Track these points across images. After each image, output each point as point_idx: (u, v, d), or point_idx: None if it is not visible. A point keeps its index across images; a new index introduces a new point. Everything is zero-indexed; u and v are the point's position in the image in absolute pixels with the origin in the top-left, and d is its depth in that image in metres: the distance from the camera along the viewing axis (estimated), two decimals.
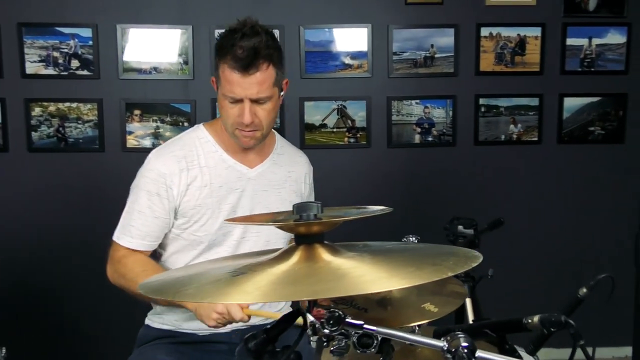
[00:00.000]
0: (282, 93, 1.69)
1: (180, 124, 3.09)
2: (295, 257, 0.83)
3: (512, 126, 3.23)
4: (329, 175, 3.16)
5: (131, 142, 3.07)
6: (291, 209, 1.76)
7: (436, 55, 3.15)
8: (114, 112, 3.06)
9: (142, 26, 3.03)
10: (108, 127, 3.07)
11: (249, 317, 1.50)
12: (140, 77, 3.05)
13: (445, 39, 3.14)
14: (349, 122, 3.16)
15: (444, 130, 3.20)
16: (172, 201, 1.66)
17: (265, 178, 1.76)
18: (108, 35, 3.01)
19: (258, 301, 0.65)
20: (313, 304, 0.87)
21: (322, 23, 3.10)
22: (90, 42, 3.01)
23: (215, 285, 0.78)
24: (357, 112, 3.16)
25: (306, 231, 0.87)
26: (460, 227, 2.07)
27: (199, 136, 1.73)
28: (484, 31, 3.15)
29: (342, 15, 3.11)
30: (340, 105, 3.15)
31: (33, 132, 3.03)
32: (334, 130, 3.16)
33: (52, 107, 3.03)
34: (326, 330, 0.80)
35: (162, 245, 1.73)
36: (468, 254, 0.86)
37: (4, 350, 1.61)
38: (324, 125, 3.15)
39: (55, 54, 3.00)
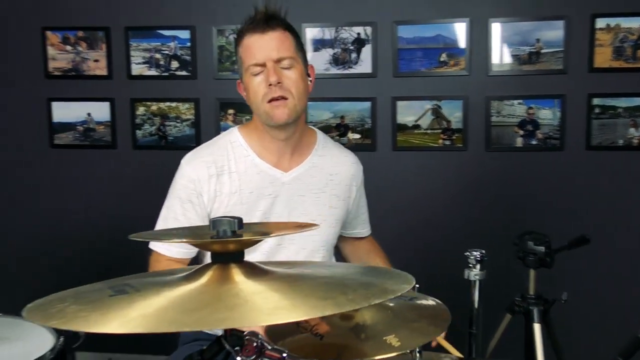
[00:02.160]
0: (310, 79, 1.64)
1: None
2: (205, 278, 0.75)
3: (632, 129, 2.87)
4: (422, 179, 3.03)
5: None
6: (332, 214, 1.69)
7: (542, 51, 2.87)
8: (210, 111, 3.14)
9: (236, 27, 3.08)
10: (204, 125, 3.16)
11: None
12: (234, 76, 3.10)
13: (553, 32, 2.85)
14: (444, 123, 2.99)
15: (551, 133, 2.92)
16: (203, 208, 1.62)
17: (303, 182, 1.67)
18: (205, 37, 3.10)
19: (121, 331, 0.57)
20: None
21: (416, 19, 2.95)
22: (189, 44, 3.11)
23: (88, 305, 0.71)
24: (453, 113, 2.97)
25: (222, 249, 0.79)
26: (530, 244, 1.86)
27: (231, 140, 1.67)
28: (600, 22, 2.82)
29: (438, 10, 2.94)
30: (435, 105, 2.98)
31: (137, 130, 3.20)
32: (428, 131, 3.00)
33: (154, 107, 3.18)
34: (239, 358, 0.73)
35: (202, 252, 1.73)
36: (396, 282, 0.73)
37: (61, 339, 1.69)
38: (417, 126, 3.01)
39: (157, 55, 3.14)
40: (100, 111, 3.22)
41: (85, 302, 0.70)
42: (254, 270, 0.77)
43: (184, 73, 3.14)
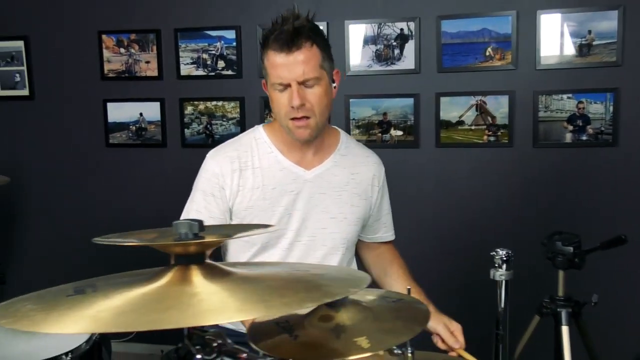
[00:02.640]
0: (334, 85, 1.62)
1: None
2: (166, 279, 0.77)
3: None
4: (466, 177, 2.97)
5: None
6: (353, 213, 1.69)
7: (594, 43, 2.75)
8: (254, 110, 3.19)
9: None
10: (249, 124, 3.21)
11: None
12: None
13: (606, 23, 2.73)
14: (489, 118, 2.91)
15: (603, 129, 2.79)
16: (225, 202, 1.65)
17: (325, 180, 1.67)
18: (249, 36, 3.14)
19: (70, 331, 0.57)
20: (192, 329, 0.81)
21: (461, 12, 2.88)
22: (234, 43, 3.17)
23: (44, 305, 0.72)
24: (499, 108, 2.89)
25: (183, 251, 0.80)
26: (558, 244, 1.78)
27: (256, 137, 1.70)
28: None
29: (484, 2, 2.86)
30: (480, 100, 2.91)
31: (186, 129, 3.30)
32: (472, 127, 2.93)
33: (201, 106, 3.26)
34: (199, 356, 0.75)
35: (224, 246, 1.77)
36: (344, 285, 0.73)
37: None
38: (461, 122, 2.94)
39: (204, 55, 3.22)
40: (151, 111, 3.34)
41: (43, 302, 0.74)
42: (214, 272, 0.78)
43: (229, 72, 3.20)
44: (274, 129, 1.69)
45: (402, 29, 2.95)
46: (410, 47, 2.94)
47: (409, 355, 1.00)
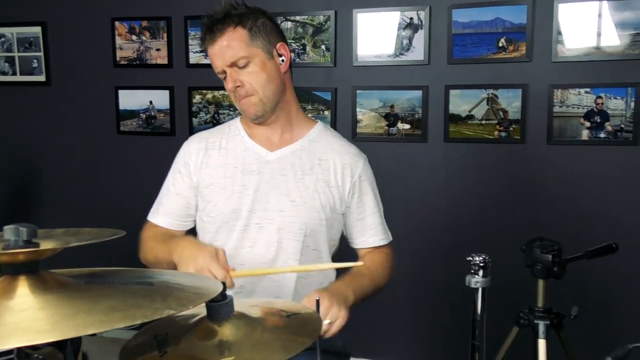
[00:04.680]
0: (282, 58, 1.60)
1: (321, 112, 3.03)
2: None
3: None
4: (475, 173, 2.84)
5: None
6: (316, 198, 1.60)
7: (615, 34, 2.56)
8: None
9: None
10: None
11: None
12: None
13: (627, 13, 2.54)
14: (501, 113, 2.76)
15: (622, 126, 2.61)
16: (190, 178, 1.68)
17: (288, 162, 1.64)
18: None
19: None
20: None
21: (474, 1, 2.74)
22: None
23: None
24: (511, 102, 2.74)
25: (11, 259, 0.72)
26: (537, 251, 1.65)
27: (231, 124, 1.75)
28: None
29: None
30: (491, 94, 2.76)
31: (193, 118, 3.27)
32: (483, 122, 2.79)
33: (209, 95, 3.23)
34: None
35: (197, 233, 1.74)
36: (176, 301, 0.64)
37: None
38: (471, 117, 2.81)
39: None
40: (161, 99, 3.32)
41: None
42: (46, 284, 0.71)
43: None
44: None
45: (411, 18, 2.83)
46: (419, 37, 2.82)
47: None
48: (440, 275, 2.88)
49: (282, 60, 1.61)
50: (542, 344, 1.61)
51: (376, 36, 2.88)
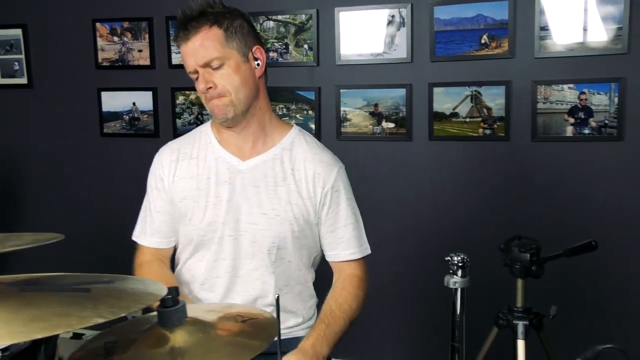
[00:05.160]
0: (257, 62, 1.56)
1: (305, 111, 3.01)
2: None
3: None
4: (460, 171, 2.82)
5: None
6: (289, 210, 1.56)
7: (598, 29, 2.54)
8: None
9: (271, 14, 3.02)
10: None
11: None
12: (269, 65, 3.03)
13: (610, 7, 2.52)
14: (485, 110, 2.74)
15: (606, 122, 2.59)
16: (167, 193, 1.64)
17: (259, 172, 1.59)
18: None
19: None
20: None
21: None
22: None
23: None
24: (495, 99, 2.72)
25: None
26: (515, 250, 1.63)
27: (202, 130, 1.68)
28: None
29: None
30: (475, 91, 2.75)
31: (177, 119, 3.24)
32: (467, 120, 2.77)
33: (192, 96, 3.20)
34: None
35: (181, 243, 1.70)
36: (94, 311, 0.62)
37: None
38: (455, 114, 2.79)
39: None
40: (144, 100, 3.29)
41: None
42: None
43: None
44: (218, 123, 1.64)
45: (393, 16, 2.81)
46: (402, 35, 2.80)
47: None
48: (426, 275, 2.86)
49: (258, 65, 1.56)
50: (521, 344, 1.60)
51: (359, 34, 2.86)
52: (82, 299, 0.70)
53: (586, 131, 2.62)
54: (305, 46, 2.96)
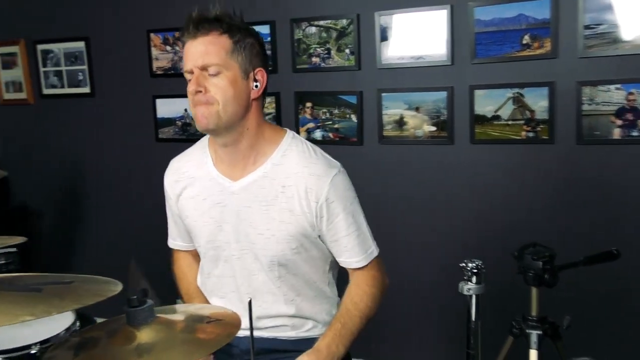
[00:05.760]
0: (256, 84, 1.51)
1: (348, 116, 3.03)
2: None
3: None
4: (502, 175, 2.77)
5: (303, 134, 3.14)
6: (283, 230, 1.57)
7: None
8: (289, 105, 3.16)
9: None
10: (284, 119, 3.19)
11: None
12: (311, 69, 3.07)
13: None
14: (527, 112, 2.67)
15: None
16: (175, 207, 1.72)
17: (251, 193, 1.56)
18: (284, 31, 3.11)
19: None
20: None
21: None
22: (269, 39, 3.15)
23: None
24: (538, 101, 2.65)
25: None
26: (528, 258, 1.59)
27: (202, 145, 1.69)
28: None
29: None
30: (517, 93, 2.68)
31: None
32: (509, 122, 2.71)
33: None
34: None
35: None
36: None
37: None
38: (497, 117, 2.73)
39: None
40: None
41: None
42: None
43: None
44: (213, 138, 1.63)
45: (433, 18, 2.78)
46: (442, 37, 2.77)
47: None
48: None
49: (256, 86, 1.52)
50: (533, 354, 1.56)
51: (399, 38, 2.85)
52: (30, 298, 0.77)
53: (635, 133, 2.51)
54: (347, 50, 2.98)
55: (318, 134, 3.11)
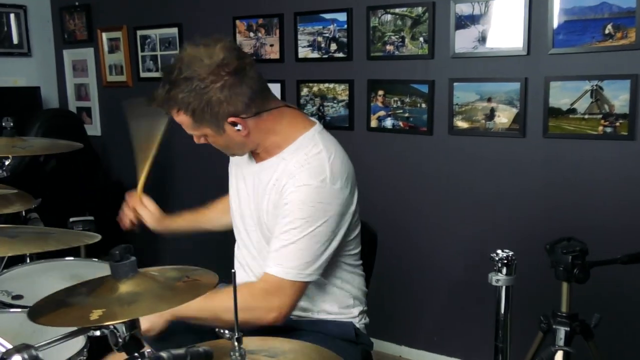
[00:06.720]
0: (237, 127, 1.50)
1: (419, 105, 3.00)
2: None
3: None
4: (577, 171, 2.65)
5: (374, 122, 3.14)
6: (271, 220, 1.62)
7: None
8: (362, 92, 3.17)
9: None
10: (357, 106, 3.21)
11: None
12: (385, 57, 3.06)
13: None
14: (606, 107, 2.52)
15: None
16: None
17: (257, 178, 1.66)
18: (360, 19, 3.12)
19: None
20: None
21: None
22: (345, 26, 3.18)
23: None
24: (618, 95, 2.49)
25: None
26: (559, 251, 1.51)
27: None
28: None
29: None
30: (595, 86, 2.53)
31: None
32: (586, 116, 2.57)
33: (315, 88, 3.34)
34: None
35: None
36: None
37: None
38: (572, 111, 2.59)
39: (319, 38, 3.28)
40: (274, 92, 3.50)
41: None
42: None
43: (340, 55, 3.22)
44: None
45: (510, 7, 2.68)
46: (518, 26, 2.66)
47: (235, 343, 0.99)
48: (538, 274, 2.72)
49: (239, 130, 1.51)
50: (559, 355, 1.48)
51: (474, 26, 2.77)
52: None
53: None
54: (421, 39, 2.94)
55: (389, 122, 3.10)
